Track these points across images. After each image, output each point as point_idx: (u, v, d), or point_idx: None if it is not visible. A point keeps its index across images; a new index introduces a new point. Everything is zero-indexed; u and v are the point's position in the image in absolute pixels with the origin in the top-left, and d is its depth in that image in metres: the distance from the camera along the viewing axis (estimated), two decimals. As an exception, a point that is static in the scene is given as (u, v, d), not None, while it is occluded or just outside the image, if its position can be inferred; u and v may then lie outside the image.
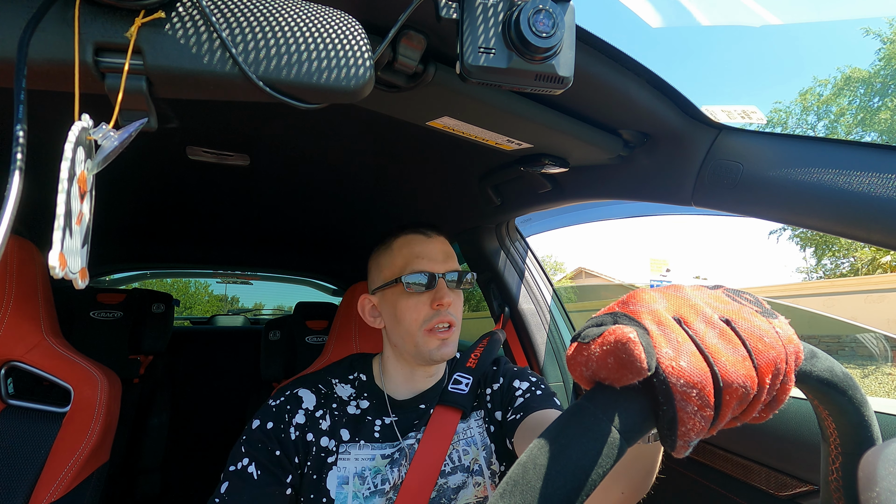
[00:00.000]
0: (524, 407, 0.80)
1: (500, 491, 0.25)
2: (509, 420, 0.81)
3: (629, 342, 0.26)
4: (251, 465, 0.71)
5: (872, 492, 0.26)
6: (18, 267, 0.87)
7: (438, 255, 0.82)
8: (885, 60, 15.87)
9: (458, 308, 0.82)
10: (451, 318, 0.80)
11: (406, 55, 0.55)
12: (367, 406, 0.83)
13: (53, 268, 0.31)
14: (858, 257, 14.34)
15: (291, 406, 0.78)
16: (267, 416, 0.77)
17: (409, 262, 0.81)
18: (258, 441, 0.74)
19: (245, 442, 0.74)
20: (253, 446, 0.73)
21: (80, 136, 0.34)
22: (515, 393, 0.84)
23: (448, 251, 0.84)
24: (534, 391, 0.83)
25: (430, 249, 0.82)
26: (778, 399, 0.29)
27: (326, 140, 0.94)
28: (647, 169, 0.82)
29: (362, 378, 0.87)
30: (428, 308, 0.79)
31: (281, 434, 0.75)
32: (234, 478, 0.70)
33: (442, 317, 0.78)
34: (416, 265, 0.80)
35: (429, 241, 0.83)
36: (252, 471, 0.71)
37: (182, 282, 10.71)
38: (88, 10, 0.36)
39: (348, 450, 0.77)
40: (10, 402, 0.86)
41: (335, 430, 0.78)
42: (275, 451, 0.73)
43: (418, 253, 0.81)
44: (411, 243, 0.83)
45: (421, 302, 0.79)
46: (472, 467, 0.80)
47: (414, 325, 0.79)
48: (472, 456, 0.81)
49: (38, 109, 0.73)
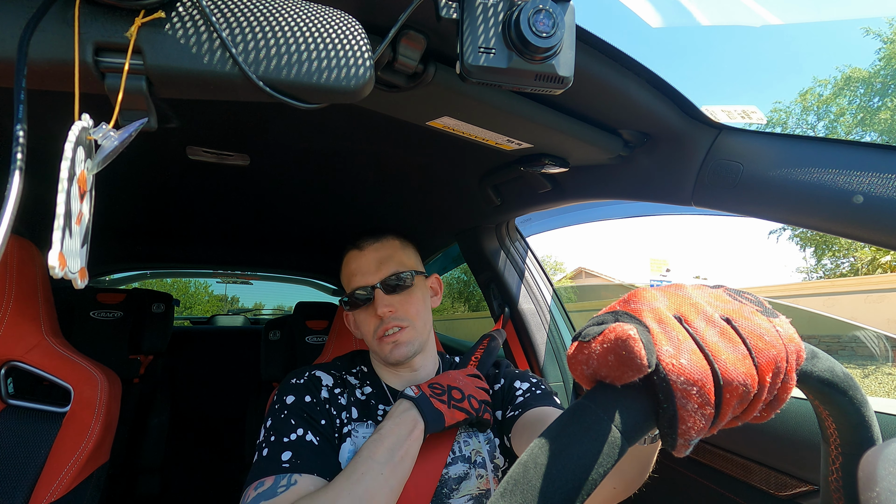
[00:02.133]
0: (523, 404, 0.82)
1: (501, 490, 0.25)
2: (508, 417, 0.83)
3: (629, 339, 0.26)
4: (308, 433, 0.73)
5: (872, 492, 0.26)
6: (18, 267, 0.87)
7: (371, 266, 0.84)
8: (885, 60, 15.87)
9: (407, 308, 0.84)
10: (398, 321, 0.82)
11: (406, 55, 0.55)
12: (370, 391, 0.86)
13: (53, 268, 0.31)
14: (858, 257, 14.33)
15: (315, 384, 0.82)
16: (300, 391, 0.80)
17: (350, 282, 0.86)
18: (304, 412, 0.76)
19: (291, 414, 0.75)
20: (301, 416, 0.75)
21: (80, 135, 0.34)
22: (516, 392, 0.85)
23: (383, 256, 0.85)
24: (534, 391, 0.85)
25: (362, 263, 0.85)
26: (779, 398, 0.29)
27: (326, 140, 0.94)
28: (648, 169, 0.82)
29: (363, 369, 0.91)
30: (374, 319, 0.83)
31: (317, 407, 0.78)
32: (294, 447, 0.71)
33: (386, 324, 0.82)
34: (354, 283, 0.85)
35: (361, 254, 0.86)
36: (311, 438, 0.73)
37: (182, 282, 10.73)
38: (88, 9, 0.36)
39: (357, 428, 0.80)
40: (10, 402, 0.85)
41: (349, 407, 0.82)
42: (321, 420, 0.77)
43: (353, 270, 0.86)
44: (349, 261, 0.87)
45: (368, 315, 0.84)
46: (473, 458, 0.81)
47: (369, 336, 0.85)
48: (472, 447, 0.82)
49: (38, 109, 0.73)
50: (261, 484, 0.66)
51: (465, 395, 0.79)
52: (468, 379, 0.84)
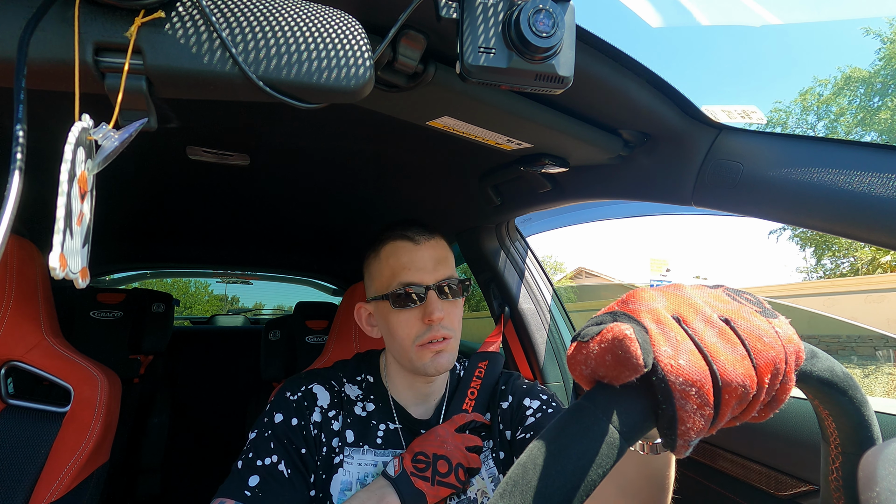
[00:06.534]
0: (535, 426, 0.77)
1: (500, 491, 0.25)
2: (518, 439, 0.79)
3: (625, 339, 0.26)
4: (281, 462, 0.70)
5: (872, 492, 0.26)
6: (18, 267, 0.87)
7: (428, 263, 0.76)
8: (885, 60, 15.87)
9: (453, 319, 0.77)
10: (446, 331, 0.75)
11: (406, 55, 0.55)
12: (372, 409, 0.82)
13: (54, 269, 0.31)
14: (858, 257, 14.33)
15: (308, 403, 0.77)
16: (290, 412, 0.75)
17: (397, 274, 0.75)
18: (284, 437, 0.72)
19: (272, 436, 0.72)
20: (280, 442, 0.72)
21: (80, 136, 0.34)
22: (526, 412, 0.81)
23: (440, 256, 0.78)
24: (545, 409, 0.80)
25: (417, 258, 0.76)
26: (778, 399, 0.29)
27: (326, 140, 0.94)
28: (648, 169, 0.82)
29: (369, 380, 0.85)
30: (420, 323, 0.74)
31: (303, 431, 0.74)
32: (264, 474, 0.69)
33: (434, 332, 0.74)
34: (404, 277, 0.75)
35: (416, 248, 0.77)
36: (283, 469, 0.70)
37: (182, 282, 10.74)
38: (88, 9, 0.36)
39: (352, 454, 0.76)
40: (10, 402, 0.85)
41: (343, 431, 0.77)
42: (301, 449, 0.73)
43: (405, 263, 0.75)
44: (398, 252, 0.77)
45: (412, 317, 0.75)
46: (479, 500, 0.77)
47: (406, 341, 0.75)
48: (477, 487, 0.78)
49: (38, 109, 0.73)
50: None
51: (453, 466, 0.72)
52: (457, 439, 0.76)
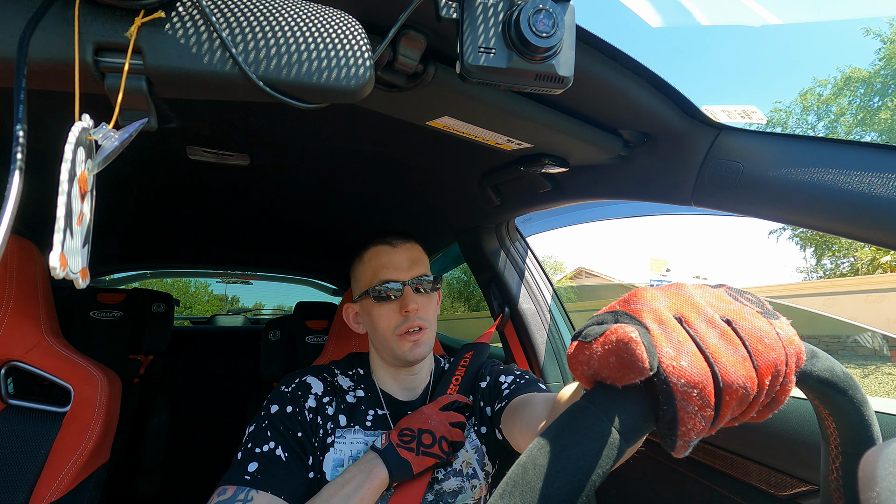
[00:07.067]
0: (509, 395, 0.84)
1: (500, 491, 0.25)
2: (496, 409, 0.85)
3: (631, 342, 0.26)
4: (278, 448, 0.75)
5: (872, 492, 0.25)
6: (18, 267, 0.87)
7: (404, 263, 0.86)
8: (885, 60, 15.86)
9: (427, 311, 0.86)
10: (420, 321, 0.84)
11: (406, 55, 0.55)
12: (362, 395, 0.88)
13: (54, 268, 0.31)
14: (858, 257, 14.33)
15: (303, 391, 0.83)
16: (284, 401, 0.81)
17: (377, 273, 0.85)
18: (280, 424, 0.78)
19: (269, 425, 0.77)
20: (277, 430, 0.77)
21: (80, 136, 0.34)
22: (502, 387, 0.88)
23: (415, 257, 0.88)
24: (518, 381, 0.87)
25: (395, 259, 0.86)
26: (777, 400, 0.29)
27: (326, 140, 0.94)
28: (647, 169, 0.82)
29: (360, 372, 0.92)
30: (398, 315, 0.83)
31: (299, 417, 0.80)
32: (263, 460, 0.73)
33: (410, 322, 0.83)
34: (383, 275, 0.85)
35: (394, 250, 0.87)
36: (280, 454, 0.74)
37: (182, 282, 10.72)
38: (88, 9, 0.36)
39: (344, 434, 0.82)
40: (10, 402, 0.85)
41: (336, 416, 0.83)
42: (297, 433, 0.78)
43: (385, 263, 0.86)
44: (378, 254, 0.87)
45: (391, 310, 0.84)
46: (465, 471, 0.83)
47: (387, 332, 0.84)
48: (462, 459, 0.84)
49: (38, 109, 0.73)
50: (223, 491, 0.69)
51: (437, 438, 0.79)
52: (441, 416, 0.83)
